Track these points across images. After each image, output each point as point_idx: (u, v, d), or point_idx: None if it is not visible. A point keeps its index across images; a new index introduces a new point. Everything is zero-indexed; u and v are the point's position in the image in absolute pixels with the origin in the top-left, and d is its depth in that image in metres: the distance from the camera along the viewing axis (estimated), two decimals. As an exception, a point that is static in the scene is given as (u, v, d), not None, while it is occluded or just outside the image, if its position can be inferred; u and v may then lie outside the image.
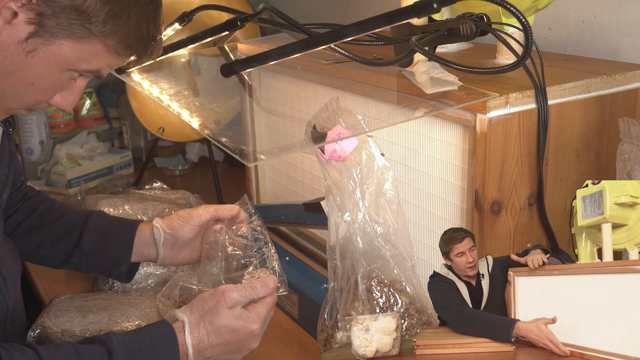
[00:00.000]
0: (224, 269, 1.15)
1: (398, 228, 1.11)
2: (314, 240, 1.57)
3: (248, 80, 1.44)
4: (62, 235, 1.27)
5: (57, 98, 0.99)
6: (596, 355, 0.77)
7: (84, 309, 1.18)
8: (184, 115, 1.25)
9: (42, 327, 1.13)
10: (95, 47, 0.94)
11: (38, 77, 0.94)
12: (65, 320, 1.15)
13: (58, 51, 0.92)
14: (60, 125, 2.47)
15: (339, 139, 1.06)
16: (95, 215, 1.30)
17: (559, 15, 1.50)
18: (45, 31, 0.90)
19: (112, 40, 0.94)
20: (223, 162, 2.48)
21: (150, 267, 1.41)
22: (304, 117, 1.48)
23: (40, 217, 1.29)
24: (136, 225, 1.26)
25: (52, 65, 0.93)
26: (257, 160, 1.23)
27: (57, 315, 1.16)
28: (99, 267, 1.29)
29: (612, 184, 0.88)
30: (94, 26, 0.91)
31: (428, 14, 0.87)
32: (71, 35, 0.91)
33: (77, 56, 0.94)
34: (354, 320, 0.92)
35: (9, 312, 1.10)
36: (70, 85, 1.00)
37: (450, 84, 1.10)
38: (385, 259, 1.10)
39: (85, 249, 1.26)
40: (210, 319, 1.01)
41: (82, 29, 0.91)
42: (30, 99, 0.97)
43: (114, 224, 1.29)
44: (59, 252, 1.27)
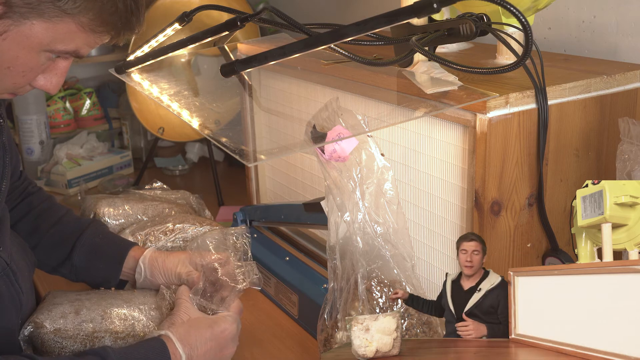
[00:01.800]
0: None
1: (398, 228, 1.11)
2: (314, 240, 1.57)
3: (248, 80, 1.44)
4: (55, 244, 1.28)
5: (40, 80, 0.97)
6: (596, 355, 0.76)
7: (77, 303, 1.18)
8: (184, 115, 1.25)
9: (35, 325, 1.13)
10: (69, 25, 0.91)
11: (13, 59, 0.91)
12: (58, 316, 1.14)
13: (29, 32, 0.89)
14: (60, 125, 2.47)
15: (339, 139, 1.06)
16: (90, 230, 1.30)
17: (559, 15, 1.50)
18: (14, 12, 0.87)
19: (85, 17, 0.91)
20: (223, 162, 2.48)
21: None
22: (304, 117, 1.48)
23: (37, 219, 1.29)
24: (128, 249, 1.29)
25: (25, 47, 0.90)
26: (257, 160, 1.23)
27: (50, 311, 1.15)
28: (87, 280, 1.31)
29: (612, 184, 0.88)
30: (64, 4, 0.88)
31: (428, 14, 0.87)
32: (42, 14, 0.88)
33: (50, 36, 0.91)
34: (354, 320, 0.92)
35: (22, 307, 1.10)
36: (53, 67, 0.97)
37: (450, 84, 1.10)
38: (385, 259, 1.10)
39: (75, 263, 1.27)
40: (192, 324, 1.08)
41: (53, 7, 0.88)
42: (9, 82, 0.94)
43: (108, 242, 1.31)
44: (50, 259, 1.28)
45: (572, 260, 1.11)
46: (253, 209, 1.64)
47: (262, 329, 1.36)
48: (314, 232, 1.57)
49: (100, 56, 2.45)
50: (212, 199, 2.06)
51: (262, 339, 1.33)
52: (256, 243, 1.55)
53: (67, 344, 1.13)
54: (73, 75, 2.65)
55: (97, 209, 1.59)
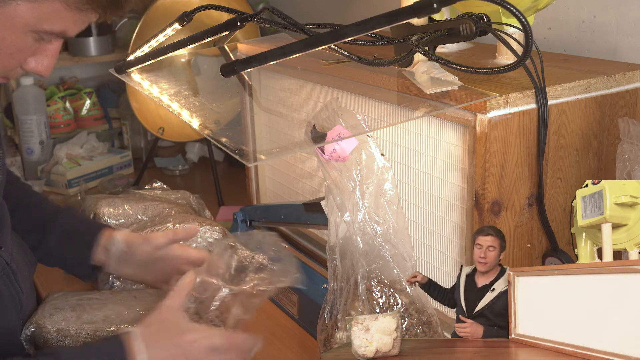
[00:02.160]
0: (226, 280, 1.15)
1: (398, 228, 1.10)
2: (314, 240, 1.57)
3: (248, 80, 1.44)
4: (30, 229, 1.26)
5: (30, 63, 0.96)
6: (596, 355, 0.76)
7: (78, 308, 1.18)
8: (184, 115, 1.25)
9: (37, 325, 1.13)
10: (53, 4, 0.89)
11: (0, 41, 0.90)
12: (60, 319, 1.15)
13: (14, 12, 0.88)
14: (60, 125, 2.47)
15: (339, 139, 1.05)
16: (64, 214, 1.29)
17: (559, 15, 1.50)
18: None
19: None
20: (223, 162, 2.48)
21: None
22: (304, 117, 1.48)
23: None
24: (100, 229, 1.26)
25: (11, 27, 0.89)
26: (257, 160, 1.23)
27: (51, 314, 1.16)
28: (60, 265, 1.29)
29: (612, 184, 0.88)
30: None
31: (428, 14, 0.87)
32: None
33: (36, 16, 0.90)
34: (354, 320, 0.92)
35: (22, 307, 1.10)
36: (43, 49, 0.96)
37: (450, 84, 1.10)
38: (385, 258, 1.10)
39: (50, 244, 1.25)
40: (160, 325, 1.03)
41: None
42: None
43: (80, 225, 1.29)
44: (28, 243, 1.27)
45: (572, 260, 1.11)
46: (253, 209, 1.64)
47: (262, 329, 1.36)
48: (314, 232, 1.57)
49: (100, 56, 2.45)
50: (212, 199, 2.06)
51: (262, 338, 1.33)
52: (256, 243, 1.55)
53: (69, 343, 1.13)
54: (73, 75, 2.65)
55: (97, 209, 1.59)
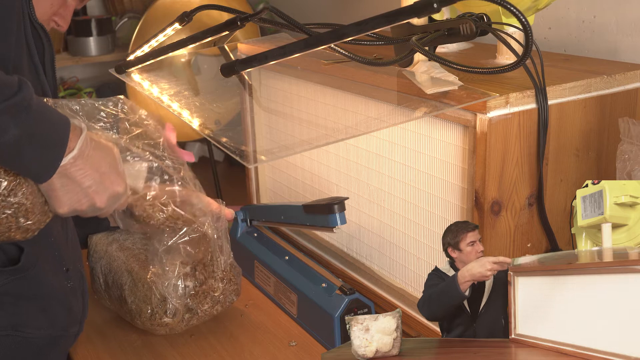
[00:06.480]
0: None
1: None
2: (314, 240, 1.57)
3: (248, 80, 1.44)
4: None
5: (57, 17, 1.14)
6: (596, 355, 0.76)
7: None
8: (184, 115, 1.25)
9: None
10: None
11: None
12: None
13: None
14: (60, 125, 2.46)
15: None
16: None
17: (559, 15, 1.50)
18: None
19: None
20: (223, 162, 2.48)
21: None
22: (304, 117, 1.48)
23: None
24: None
25: None
26: (257, 161, 1.23)
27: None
28: None
29: (612, 184, 0.88)
30: None
31: (428, 14, 0.87)
32: None
33: None
34: (354, 320, 0.92)
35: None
36: (66, 6, 1.15)
37: (450, 84, 1.10)
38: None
39: None
40: None
41: None
42: (47, 4, 1.10)
43: None
44: None
45: (572, 260, 1.11)
46: (253, 208, 1.64)
47: (262, 329, 1.36)
48: (314, 232, 1.57)
49: (100, 56, 2.45)
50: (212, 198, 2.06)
51: (262, 338, 1.33)
52: (256, 242, 1.55)
53: None
54: (73, 75, 2.65)
55: (97, 208, 1.59)
